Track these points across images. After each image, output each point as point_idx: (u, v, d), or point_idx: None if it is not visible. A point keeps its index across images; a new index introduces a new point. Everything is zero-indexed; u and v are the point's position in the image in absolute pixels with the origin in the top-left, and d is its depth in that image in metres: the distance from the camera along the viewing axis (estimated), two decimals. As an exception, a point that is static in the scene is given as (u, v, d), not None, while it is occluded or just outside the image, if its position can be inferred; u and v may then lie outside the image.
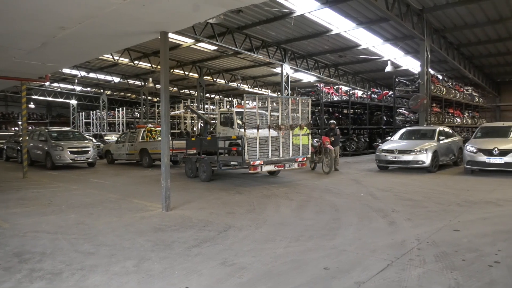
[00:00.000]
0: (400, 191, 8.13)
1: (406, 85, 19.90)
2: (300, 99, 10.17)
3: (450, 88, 21.01)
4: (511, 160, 9.77)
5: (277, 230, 5.09)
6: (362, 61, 23.46)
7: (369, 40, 18.66)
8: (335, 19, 15.49)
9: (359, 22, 15.76)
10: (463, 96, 23.17)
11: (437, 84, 18.96)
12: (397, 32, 17.34)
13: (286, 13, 14.59)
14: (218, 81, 28.74)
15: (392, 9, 12.70)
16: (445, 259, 3.80)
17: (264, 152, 9.15)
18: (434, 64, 22.57)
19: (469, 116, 25.19)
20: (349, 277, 3.41)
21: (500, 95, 32.65)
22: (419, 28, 15.09)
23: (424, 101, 16.01)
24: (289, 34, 17.98)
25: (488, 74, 28.78)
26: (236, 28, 16.74)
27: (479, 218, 5.57)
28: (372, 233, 4.86)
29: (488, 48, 21.27)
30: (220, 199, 7.54)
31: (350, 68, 26.92)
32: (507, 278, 3.31)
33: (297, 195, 7.84)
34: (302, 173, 11.62)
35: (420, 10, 14.70)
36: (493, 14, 15.38)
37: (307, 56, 22.22)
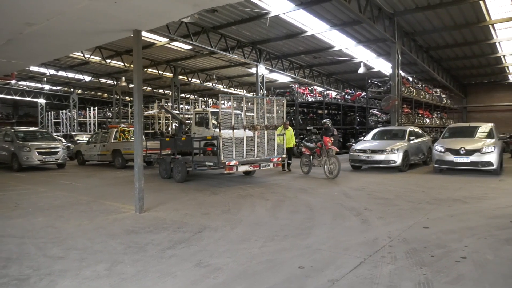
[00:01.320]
0: (372, 190, 8.32)
1: (378, 86, 20.39)
2: (275, 100, 10.22)
3: (420, 90, 21.67)
4: (477, 159, 10.19)
5: (252, 230, 5.10)
6: (336, 62, 23.86)
7: (343, 42, 19.00)
8: (309, 20, 15.69)
9: (333, 24, 16.03)
10: (432, 97, 23.95)
11: (407, 85, 19.51)
12: (369, 34, 17.74)
13: (261, 14, 14.64)
14: (193, 80, 28.50)
15: (365, 12, 12.98)
16: (415, 255, 3.92)
17: (240, 152, 9.14)
18: (405, 66, 23.23)
19: (438, 116, 26.05)
20: (323, 275, 3.46)
21: (466, 97, 33.99)
22: (391, 31, 15.50)
23: (396, 102, 16.44)
24: (264, 35, 18.06)
25: (455, 76, 29.90)
26: (211, 27, 16.66)
27: (447, 215, 5.77)
28: (345, 231, 4.95)
29: (455, 51, 22.10)
30: (195, 200, 7.47)
31: (325, 69, 27.31)
32: (473, 273, 3.45)
33: (272, 195, 7.88)
34: (280, 174, 11.68)
35: (391, 14, 15.10)
36: (459, 19, 16.00)
37: (282, 57, 22.38)
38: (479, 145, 10.44)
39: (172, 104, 26.03)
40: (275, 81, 29.09)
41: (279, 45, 20.15)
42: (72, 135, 23.73)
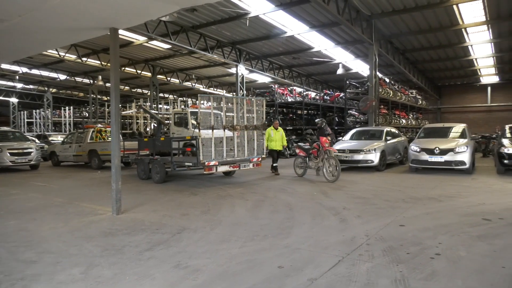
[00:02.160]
0: (351, 189, 8.44)
1: (356, 87, 20.71)
2: (255, 100, 10.24)
3: (397, 91, 22.17)
4: (450, 158, 10.50)
5: (232, 230, 5.08)
6: (315, 63, 24.10)
7: (322, 43, 19.22)
8: (289, 21, 15.78)
9: (312, 25, 16.19)
10: (408, 98, 24.54)
11: (384, 87, 19.92)
12: (347, 36, 18.01)
13: (241, 14, 14.64)
14: (172, 80, 28.20)
15: (343, 14, 13.16)
16: (392, 253, 4.00)
17: (219, 152, 9.10)
18: (382, 67, 23.72)
19: (414, 117, 26.71)
20: (302, 274, 3.48)
21: (440, 98, 34.98)
22: (368, 33, 15.78)
23: (373, 103, 16.75)
24: (244, 35, 18.07)
25: (430, 78, 30.73)
26: (190, 27, 16.53)
27: (423, 213, 5.92)
28: (324, 230, 5.00)
29: (430, 54, 22.72)
30: (174, 200, 7.39)
31: (304, 70, 27.55)
32: (447, 269, 3.55)
33: (252, 195, 7.88)
34: (260, 173, 11.69)
35: (368, 16, 15.37)
36: (434, 23, 16.45)
37: (262, 57, 22.44)
38: (453, 145, 10.75)
39: (151, 104, 25.67)
40: (255, 81, 29.14)
41: (259, 46, 20.19)
42: (46, 135, 23.04)
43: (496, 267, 3.56)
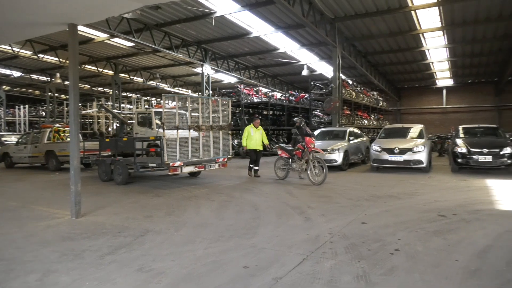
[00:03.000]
0: (315, 188, 8.60)
1: (320, 88, 21.15)
2: (221, 100, 10.19)
3: (359, 93, 22.84)
4: (409, 158, 10.96)
5: (197, 231, 5.03)
6: (280, 64, 24.36)
7: (287, 44, 19.46)
8: (255, 22, 15.86)
9: (278, 26, 16.36)
10: (370, 100, 25.35)
11: (347, 88, 20.45)
12: (312, 38, 18.34)
13: (207, 13, 14.53)
14: (136, 79, 27.51)
15: (308, 16, 13.39)
16: (354, 250, 4.11)
17: (184, 153, 8.98)
18: (345, 69, 24.34)
19: (375, 118, 27.62)
20: (268, 273, 3.50)
21: (400, 100, 36.42)
22: (332, 35, 16.15)
23: (337, 104, 17.16)
24: (210, 35, 17.95)
25: (390, 80, 31.93)
26: (154, 25, 16.20)
27: (383, 210, 6.13)
28: (289, 229, 5.06)
29: (390, 57, 23.60)
30: (137, 202, 7.20)
31: (270, 71, 27.76)
32: (405, 264, 3.69)
33: (218, 195, 7.84)
34: (227, 174, 11.65)
35: (332, 19, 15.74)
36: (394, 27, 17.11)
37: (228, 57, 22.39)
38: (411, 144, 11.22)
39: (113, 103, 24.89)
40: (221, 81, 29.03)
41: (224, 45, 20.13)
42: (-1, 136, 21.75)
43: (450, 261, 3.74)
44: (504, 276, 3.34)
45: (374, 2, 13.98)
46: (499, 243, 4.31)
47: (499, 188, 8.15)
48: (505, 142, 10.82)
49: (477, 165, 10.60)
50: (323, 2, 14.03)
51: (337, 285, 3.23)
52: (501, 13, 15.38)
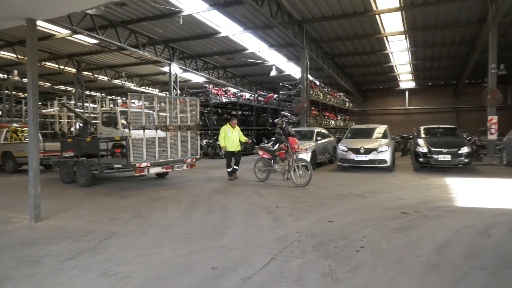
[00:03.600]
0: (283, 188, 8.67)
1: (289, 89, 21.38)
2: (189, 100, 10.07)
3: (326, 94, 23.27)
4: (374, 157, 11.29)
5: (164, 233, 4.93)
6: (249, 64, 24.41)
7: (256, 44, 19.53)
8: (223, 22, 15.79)
9: (246, 26, 16.38)
10: (337, 101, 25.90)
11: (315, 89, 20.78)
12: (280, 39, 18.51)
13: (174, 12, 14.32)
14: (100, 77, 26.66)
15: (276, 18, 13.49)
16: (321, 248, 4.18)
17: (151, 153, 8.80)
18: (313, 71, 24.75)
19: (342, 118, 28.24)
20: (236, 274, 3.49)
21: (365, 101, 37.47)
22: (300, 37, 16.36)
23: (304, 105, 17.40)
24: (178, 33, 17.71)
25: (356, 82, 32.78)
26: (120, 22, 15.76)
27: (349, 209, 6.27)
28: (258, 229, 5.07)
29: (356, 59, 24.23)
30: (102, 205, 6.98)
31: (238, 71, 27.75)
32: (370, 260, 3.80)
33: (186, 196, 7.73)
34: (195, 174, 11.51)
35: (300, 21, 15.95)
36: (359, 30, 17.57)
37: (196, 57, 22.17)
38: (376, 144, 11.57)
39: (76, 102, 23.99)
40: (189, 81, 28.70)
41: (193, 45, 19.92)
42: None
43: (412, 256, 3.89)
44: (462, 270, 3.50)
45: (341, 5, 14.30)
46: (457, 238, 4.52)
47: (457, 186, 8.56)
48: (463, 142, 11.39)
49: (437, 164, 11.08)
50: (291, 3, 14.19)
51: (304, 283, 3.27)
52: (458, 20, 16.19)
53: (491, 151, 14.23)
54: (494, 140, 14.32)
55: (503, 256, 3.84)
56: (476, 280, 3.27)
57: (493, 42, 14.12)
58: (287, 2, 14.01)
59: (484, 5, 14.06)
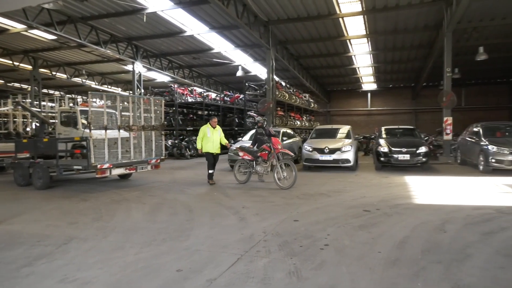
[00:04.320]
0: (249, 188, 8.69)
1: (255, 89, 21.47)
2: (153, 99, 9.86)
3: (292, 94, 23.56)
4: (338, 157, 11.55)
5: (127, 236, 4.80)
6: (215, 64, 24.26)
7: (222, 44, 19.44)
8: (189, 20, 15.60)
9: (212, 26, 16.27)
10: (302, 101, 26.29)
11: (281, 90, 20.98)
12: (246, 39, 18.53)
13: (138, 9, 13.98)
14: (58, 75, 25.53)
15: (242, 18, 13.50)
16: (287, 247, 4.22)
17: (114, 154, 8.53)
18: (279, 71, 24.99)
19: (307, 119, 28.70)
20: (202, 275, 3.46)
21: (330, 102, 38.28)
22: (266, 38, 16.46)
23: (270, 105, 17.53)
24: (142, 31, 17.30)
25: (321, 83, 33.43)
26: (79, 17, 15.16)
27: (314, 208, 6.39)
28: (224, 230, 5.05)
29: (321, 61, 24.71)
30: (60, 208, 6.68)
31: (204, 71, 27.51)
32: (334, 258, 3.89)
33: (150, 198, 7.57)
34: (159, 175, 11.27)
35: (266, 22, 16.05)
36: (323, 33, 17.93)
37: (161, 56, 21.75)
38: (340, 144, 11.84)
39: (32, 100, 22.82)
40: (154, 80, 28.10)
41: (157, 43, 19.52)
42: None
43: (373, 253, 4.01)
44: (420, 264, 3.66)
45: (305, 8, 14.53)
46: (415, 234, 4.72)
47: (415, 184, 8.94)
48: (421, 142, 11.92)
49: (397, 163, 11.52)
50: (257, 4, 14.25)
51: (270, 282, 3.29)
52: (416, 25, 16.91)
53: (447, 150, 14.98)
54: (449, 140, 15.09)
55: (457, 250, 4.05)
56: (433, 273, 3.43)
57: (448, 47, 14.87)
58: (253, 3, 14.06)
59: (440, 11, 14.78)
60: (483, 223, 5.20)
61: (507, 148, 10.05)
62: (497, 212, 5.83)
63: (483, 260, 3.75)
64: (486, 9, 14.52)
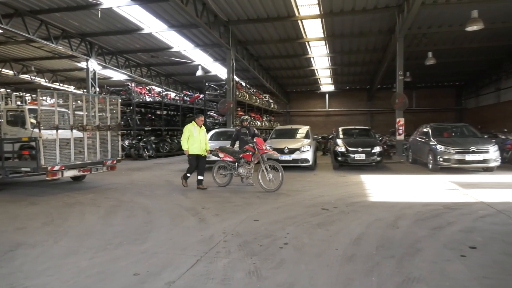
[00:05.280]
0: (210, 189, 8.61)
1: (215, 89, 21.34)
2: (109, 98, 9.52)
3: (252, 95, 23.68)
4: (297, 157, 11.75)
5: (81, 241, 4.59)
6: (175, 63, 23.85)
7: (181, 43, 19.16)
8: (146, 18, 15.24)
9: (171, 24, 15.98)
10: (262, 102, 26.50)
11: (241, 90, 21.03)
12: (206, 39, 18.38)
13: (92, 3, 13.44)
14: (4, 71, 23.99)
15: (201, 17, 13.37)
16: (246, 247, 4.23)
17: (66, 155, 8.14)
18: (239, 72, 25.01)
19: (267, 119, 28.96)
20: (160, 278, 3.38)
21: (289, 103, 38.88)
22: (226, 38, 16.42)
23: (231, 105, 17.51)
24: (96, 27, 16.65)
25: (281, 84, 33.86)
26: (28, 11, 14.31)
27: (274, 207, 6.45)
28: (183, 232, 4.97)
29: (280, 62, 25.03)
30: (6, 213, 6.26)
31: (163, 70, 26.96)
32: (293, 256, 3.94)
33: (106, 200, 7.29)
34: (119, 177, 10.86)
35: (226, 22, 16.01)
36: (283, 34, 18.19)
37: (117, 53, 21.04)
38: (299, 144, 12.05)
39: (-26, 98, 21.22)
40: (110, 78, 27.13)
41: (113, 40, 18.88)
42: None
43: (331, 250, 4.12)
44: (374, 259, 3.81)
45: (265, 9, 14.66)
46: (370, 230, 4.90)
47: (371, 182, 9.30)
48: (376, 142, 12.42)
49: (354, 163, 11.91)
50: (216, 4, 14.17)
51: (230, 283, 3.28)
52: (371, 30, 17.61)
53: (399, 150, 15.73)
54: (401, 140, 15.85)
55: (409, 245, 4.26)
56: (386, 268, 3.58)
57: (400, 51, 15.62)
58: (213, 2, 13.97)
59: (393, 17, 15.49)
60: (432, 218, 5.50)
61: (453, 148, 10.71)
62: (445, 208, 6.20)
63: (431, 253, 3.97)
64: (434, 17, 15.41)
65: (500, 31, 17.34)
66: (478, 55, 22.41)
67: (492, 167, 10.67)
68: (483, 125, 21.98)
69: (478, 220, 5.39)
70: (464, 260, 3.76)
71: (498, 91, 26.21)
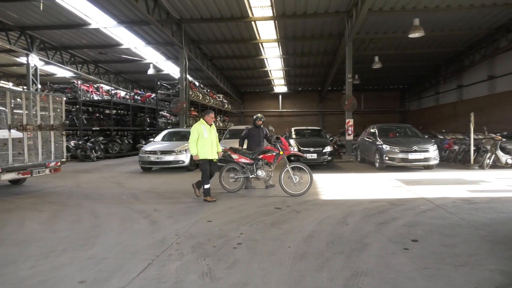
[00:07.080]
0: (162, 190, 8.42)
1: (167, 88, 20.88)
2: (52, 96, 8.99)
3: (206, 95, 23.47)
4: (251, 157, 11.80)
5: (20, 249, 4.28)
6: (124, 61, 23.01)
7: (131, 40, 18.52)
8: (94, 12, 14.56)
9: (120, 20, 15.41)
10: (216, 102, 26.36)
11: (194, 90, 20.76)
12: (158, 37, 17.92)
13: (33, -5, 12.58)
14: None
15: (153, 14, 13.02)
16: (200, 248, 4.18)
17: (3, 157, 7.56)
18: (192, 71, 24.68)
19: (221, 119, 28.85)
20: (108, 285, 3.24)
21: (243, 103, 39.03)
22: (179, 36, 16.12)
23: (184, 105, 17.23)
24: (38, 20, 15.63)
25: (235, 84, 33.89)
26: (-41, 0, 13.12)
27: (227, 208, 6.43)
28: (134, 235, 4.81)
29: (234, 62, 25.04)
30: None
31: (112, 67, 25.93)
32: (246, 256, 3.96)
33: (49, 205, 6.86)
34: (63, 179, 10.25)
35: (179, 20, 15.72)
36: (237, 35, 18.20)
37: (62, 48, 19.90)
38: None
39: None
40: (53, 75, 25.59)
41: (57, 35, 17.82)
42: None
43: (284, 248, 4.19)
44: (325, 256, 3.92)
45: (219, 9, 14.58)
46: (321, 227, 5.05)
47: (322, 181, 9.57)
48: (326, 142, 12.82)
49: (306, 162, 12.18)
50: (169, 1, 13.87)
51: (182, 285, 3.22)
52: (322, 33, 18.15)
53: (349, 149, 16.35)
54: (350, 140, 16.48)
55: (357, 241, 4.44)
56: (336, 263, 3.70)
57: (349, 55, 16.24)
58: (165, 0, 13.66)
59: (342, 22, 16.07)
60: (378, 214, 5.78)
61: (398, 147, 11.33)
62: (390, 204, 6.54)
63: (378, 248, 4.17)
64: (380, 23, 16.22)
65: (439, 39, 18.67)
66: (420, 61, 23.91)
67: (432, 165, 11.43)
68: (424, 126, 23.49)
69: (420, 214, 5.74)
70: (407, 253, 3.99)
71: (437, 95, 28.12)
